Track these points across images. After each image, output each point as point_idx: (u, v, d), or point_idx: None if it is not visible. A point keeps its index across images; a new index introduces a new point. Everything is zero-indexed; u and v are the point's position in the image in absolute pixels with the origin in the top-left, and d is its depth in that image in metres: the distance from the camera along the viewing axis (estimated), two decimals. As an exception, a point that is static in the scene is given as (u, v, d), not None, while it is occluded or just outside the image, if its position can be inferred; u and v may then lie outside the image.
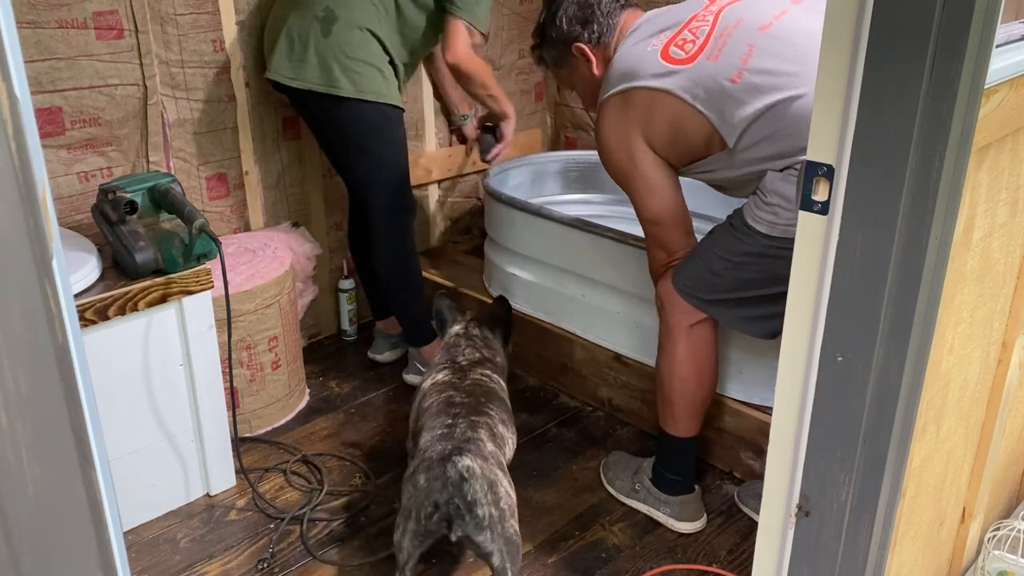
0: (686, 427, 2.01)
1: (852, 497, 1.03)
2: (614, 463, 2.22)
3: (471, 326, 2.08)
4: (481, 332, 2.07)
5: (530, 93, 3.36)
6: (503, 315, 2.16)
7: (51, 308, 0.54)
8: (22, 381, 0.52)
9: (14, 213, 0.51)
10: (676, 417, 2.01)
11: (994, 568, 1.65)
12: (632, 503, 2.11)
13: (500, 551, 1.60)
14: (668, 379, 1.98)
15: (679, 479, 2.06)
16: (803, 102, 1.66)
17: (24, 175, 0.51)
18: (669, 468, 2.06)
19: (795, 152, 1.68)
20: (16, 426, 0.52)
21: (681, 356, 1.95)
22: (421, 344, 2.58)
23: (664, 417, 2.03)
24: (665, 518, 2.05)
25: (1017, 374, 1.53)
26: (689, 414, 2.00)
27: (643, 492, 2.09)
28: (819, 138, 0.94)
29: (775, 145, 1.70)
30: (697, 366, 1.96)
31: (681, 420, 2.00)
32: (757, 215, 1.77)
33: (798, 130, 1.66)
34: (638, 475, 2.12)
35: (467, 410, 1.75)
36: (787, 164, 1.70)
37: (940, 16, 0.84)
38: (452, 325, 2.10)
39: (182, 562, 1.93)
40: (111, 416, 1.90)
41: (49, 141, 2.13)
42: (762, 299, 1.84)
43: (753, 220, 1.77)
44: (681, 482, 2.05)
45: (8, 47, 0.52)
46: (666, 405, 2.02)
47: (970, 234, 1.17)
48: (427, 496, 1.56)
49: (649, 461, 2.12)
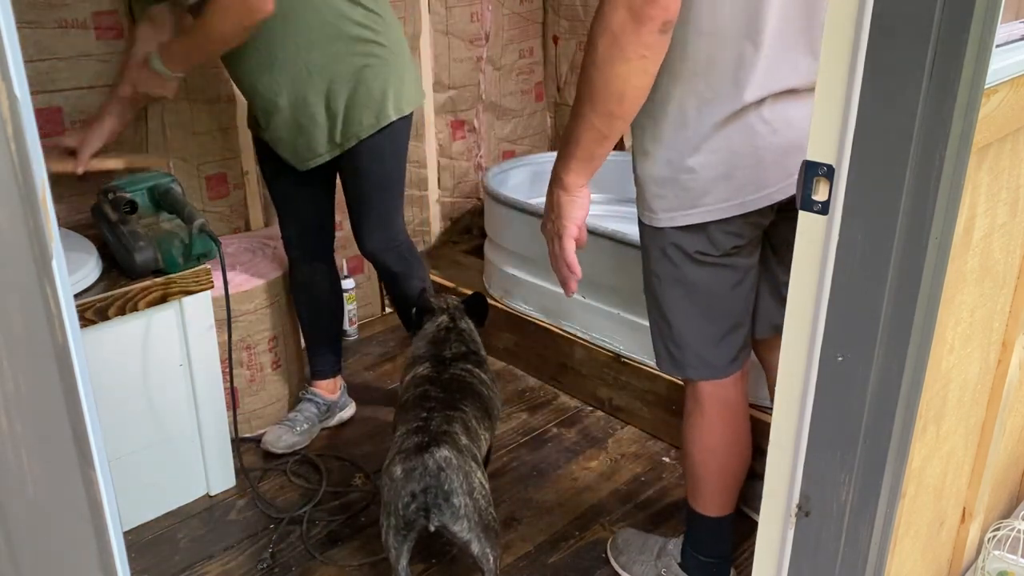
0: (718, 505, 1.70)
1: (852, 497, 1.03)
2: (626, 544, 1.90)
3: (458, 318, 2.05)
4: (467, 324, 2.05)
5: (530, 93, 3.36)
6: (480, 306, 2.11)
7: (51, 308, 0.54)
8: (22, 381, 0.52)
9: (14, 213, 0.51)
10: (705, 494, 1.69)
11: (994, 568, 1.65)
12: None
13: (478, 538, 1.62)
14: (692, 451, 1.67)
15: (713, 561, 1.75)
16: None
17: (24, 175, 0.51)
18: (702, 551, 1.75)
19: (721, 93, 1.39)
20: (16, 426, 0.52)
21: (708, 424, 1.64)
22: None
23: (692, 494, 1.72)
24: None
25: (1017, 374, 1.53)
26: (722, 489, 1.69)
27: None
28: (819, 138, 0.94)
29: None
30: (728, 433, 1.66)
31: (711, 497, 1.69)
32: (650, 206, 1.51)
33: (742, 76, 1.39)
34: (662, 559, 1.81)
35: (441, 404, 1.76)
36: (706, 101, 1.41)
37: (940, 16, 0.84)
38: (438, 315, 2.05)
39: (182, 562, 1.93)
40: (111, 416, 1.90)
41: (49, 141, 2.13)
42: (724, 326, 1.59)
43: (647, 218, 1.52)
44: (716, 565, 1.75)
45: (8, 47, 0.52)
46: (693, 481, 1.70)
47: (970, 234, 1.17)
48: (403, 486, 1.58)
49: (675, 542, 1.82)
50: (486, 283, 2.84)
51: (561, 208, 1.45)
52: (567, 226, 1.45)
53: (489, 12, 3.11)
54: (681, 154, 1.45)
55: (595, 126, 1.38)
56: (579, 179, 1.44)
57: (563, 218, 1.45)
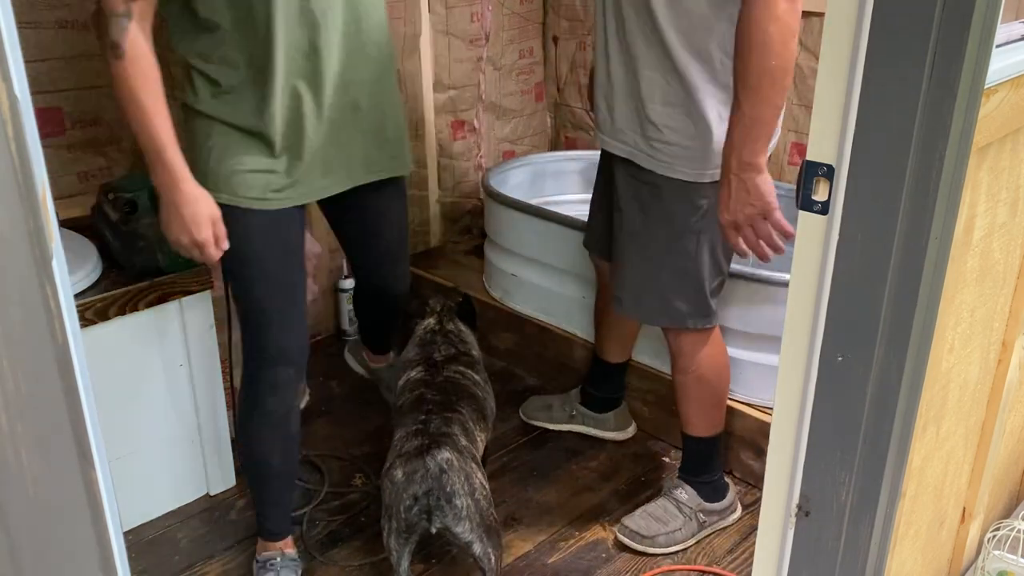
0: (723, 417, 2.02)
1: (852, 497, 1.03)
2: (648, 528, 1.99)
3: (445, 320, 2.04)
4: (456, 326, 2.04)
5: (530, 93, 3.36)
6: (467, 310, 2.11)
7: (51, 308, 0.54)
8: (22, 381, 0.52)
9: (14, 213, 0.51)
10: (721, 410, 1.99)
11: (994, 568, 1.65)
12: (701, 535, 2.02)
13: (480, 539, 1.62)
14: (720, 380, 1.94)
15: (720, 475, 2.05)
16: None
17: (24, 175, 0.51)
18: (712, 471, 2.03)
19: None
20: (16, 426, 0.52)
21: (724, 354, 1.94)
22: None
23: (706, 421, 1.98)
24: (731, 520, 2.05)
25: (1017, 374, 1.53)
26: (724, 402, 2.00)
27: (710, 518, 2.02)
28: (819, 138, 0.94)
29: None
30: (724, 352, 1.96)
31: (723, 411, 2.00)
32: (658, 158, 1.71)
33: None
34: (686, 510, 1.99)
35: (438, 407, 1.75)
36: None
37: (940, 16, 0.84)
38: (427, 317, 2.04)
39: (182, 562, 1.93)
40: (111, 416, 1.90)
41: (49, 141, 2.13)
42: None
43: (681, 173, 1.70)
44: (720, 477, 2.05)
45: (8, 47, 0.52)
46: (716, 409, 1.98)
47: (970, 234, 1.17)
48: (405, 489, 1.58)
49: (683, 489, 2.02)
50: (486, 283, 2.84)
51: (761, 188, 1.56)
52: (773, 201, 1.57)
53: (489, 12, 3.11)
54: (716, 120, 1.66)
55: (777, 104, 1.54)
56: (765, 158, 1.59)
57: (767, 195, 1.56)
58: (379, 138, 1.78)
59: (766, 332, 2.10)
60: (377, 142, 1.78)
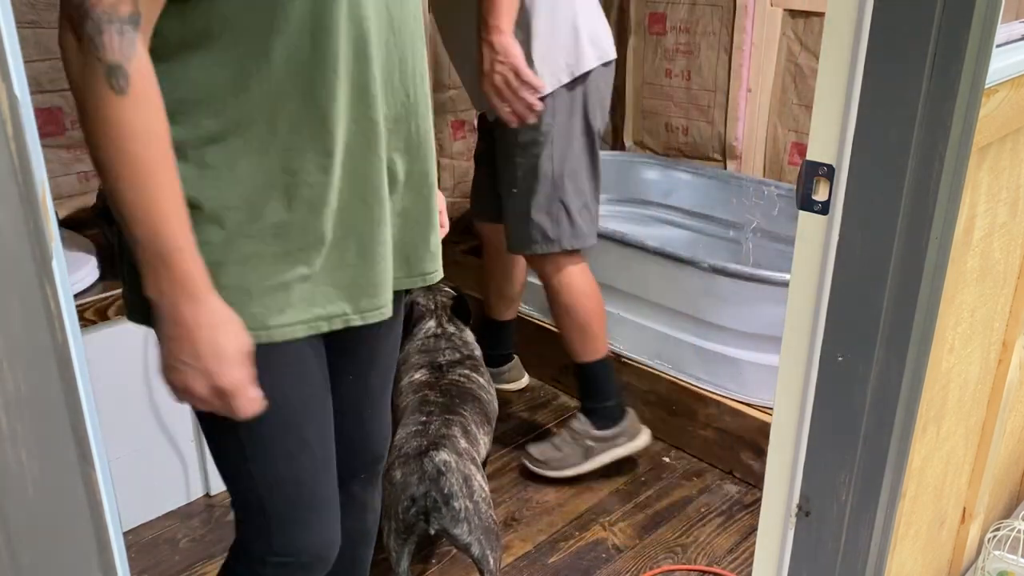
0: (604, 344, 2.08)
1: (852, 497, 1.03)
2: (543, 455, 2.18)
3: (445, 322, 2.05)
4: (456, 327, 2.05)
5: (530, 93, 3.36)
6: (461, 308, 2.14)
7: (51, 308, 0.54)
8: (22, 381, 0.52)
9: (14, 213, 0.51)
10: (598, 338, 2.06)
11: (994, 568, 1.65)
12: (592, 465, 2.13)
13: (479, 541, 1.61)
14: (585, 305, 2.03)
15: (613, 404, 2.12)
16: None
17: (24, 175, 0.51)
18: (605, 397, 2.11)
19: None
20: (16, 426, 0.52)
21: (589, 278, 2.04)
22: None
23: (585, 348, 2.07)
24: (626, 448, 2.12)
25: (1017, 374, 1.53)
26: (601, 329, 2.07)
27: (598, 444, 2.11)
28: (819, 138, 0.94)
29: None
30: (591, 279, 2.04)
31: (601, 338, 2.07)
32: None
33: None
34: (577, 437, 2.13)
35: (441, 409, 1.75)
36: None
37: (940, 16, 0.84)
38: (425, 319, 2.06)
39: (182, 562, 1.93)
40: (111, 416, 1.90)
41: (49, 141, 2.13)
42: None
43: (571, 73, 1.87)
44: (617, 405, 2.12)
45: (8, 47, 0.52)
46: (587, 334, 2.06)
47: (970, 234, 1.17)
48: (403, 491, 1.58)
49: (578, 417, 2.14)
50: (486, 283, 2.84)
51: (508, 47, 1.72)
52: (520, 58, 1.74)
53: (489, 12, 3.11)
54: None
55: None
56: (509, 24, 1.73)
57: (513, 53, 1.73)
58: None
59: (766, 332, 2.10)
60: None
